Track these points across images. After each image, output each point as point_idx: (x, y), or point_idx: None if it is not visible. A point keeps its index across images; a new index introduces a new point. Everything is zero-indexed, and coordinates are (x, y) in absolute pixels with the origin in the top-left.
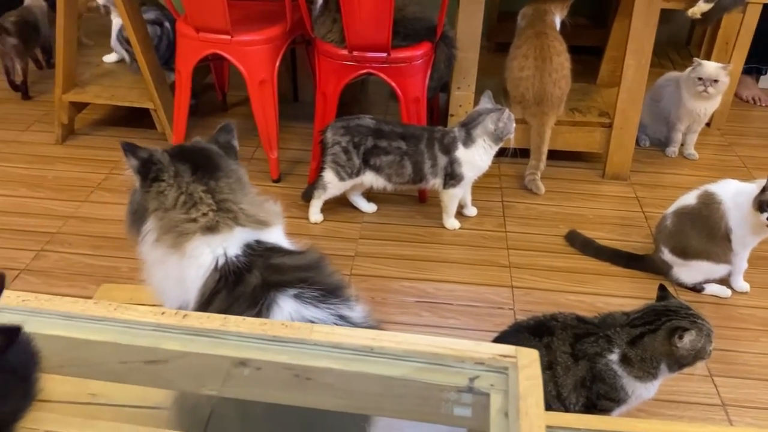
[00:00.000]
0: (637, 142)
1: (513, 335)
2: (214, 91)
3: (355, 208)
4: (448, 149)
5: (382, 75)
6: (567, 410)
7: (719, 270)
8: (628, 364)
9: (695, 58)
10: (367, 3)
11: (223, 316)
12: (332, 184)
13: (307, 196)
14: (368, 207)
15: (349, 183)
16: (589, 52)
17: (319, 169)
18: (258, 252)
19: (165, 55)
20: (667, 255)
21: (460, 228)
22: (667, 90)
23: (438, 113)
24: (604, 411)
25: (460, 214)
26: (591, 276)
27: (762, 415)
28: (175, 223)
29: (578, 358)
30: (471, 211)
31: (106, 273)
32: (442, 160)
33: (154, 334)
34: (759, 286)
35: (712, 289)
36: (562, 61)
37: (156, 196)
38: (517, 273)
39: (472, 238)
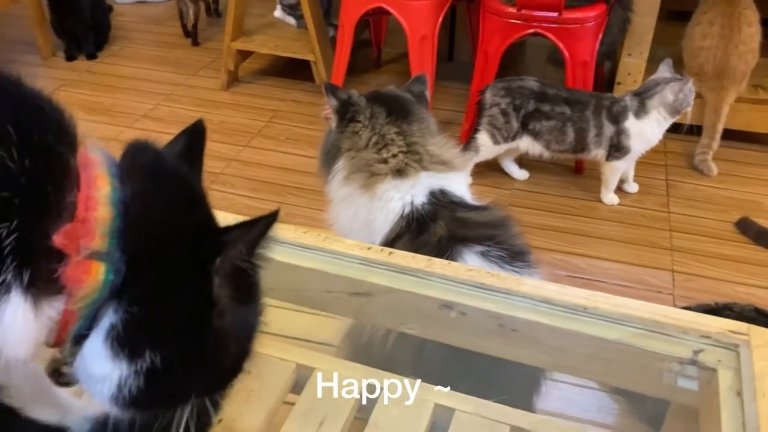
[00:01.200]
0: None
1: None
2: (370, 47)
3: (506, 174)
4: (617, 119)
5: (550, 35)
6: None
7: None
8: None
9: None
10: None
11: (428, 257)
12: (486, 147)
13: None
14: (520, 173)
15: (503, 147)
16: None
17: (473, 131)
18: (443, 203)
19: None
20: None
21: (618, 204)
22: None
23: (602, 80)
24: None
25: (619, 189)
26: (765, 269)
27: None
28: (367, 162)
29: None
30: (632, 187)
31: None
32: (609, 129)
33: (361, 267)
34: None
35: None
36: (752, 32)
37: (350, 136)
38: (679, 257)
39: (631, 215)
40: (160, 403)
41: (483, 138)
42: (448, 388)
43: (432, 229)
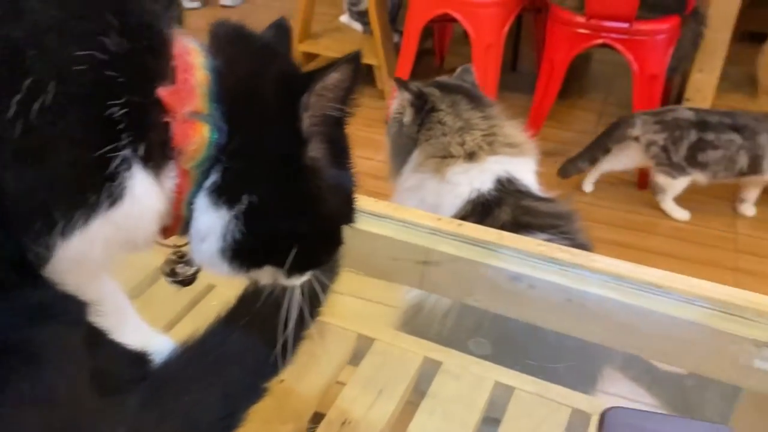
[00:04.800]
0: None
1: None
2: (433, 55)
3: (573, 186)
4: None
5: (619, 47)
6: None
7: None
8: None
9: None
10: None
11: (499, 231)
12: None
13: (565, 173)
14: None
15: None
16: None
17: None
18: (509, 191)
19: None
20: None
21: (682, 222)
22: None
23: (670, 96)
24: None
25: (687, 205)
26: None
27: None
28: (444, 146)
29: None
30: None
31: None
32: None
33: (430, 236)
34: None
35: None
36: None
37: (433, 126)
38: (744, 279)
39: (695, 234)
40: (267, 252)
41: (661, 179)
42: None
43: (496, 215)
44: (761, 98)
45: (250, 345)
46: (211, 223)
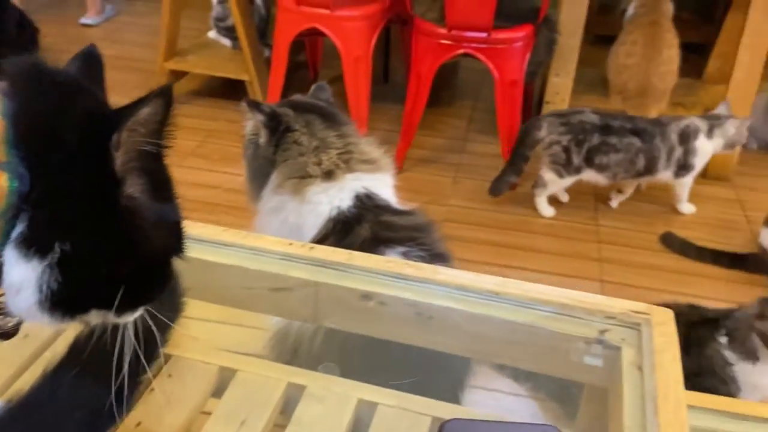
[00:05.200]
0: (744, 144)
1: None
2: (306, 69)
3: (441, 190)
4: (687, 139)
5: (479, 55)
6: None
7: None
8: (732, 341)
9: None
10: None
11: (349, 251)
12: (553, 182)
13: (496, 191)
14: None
15: (569, 180)
16: (692, 49)
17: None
18: (368, 207)
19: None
20: None
21: (549, 218)
22: None
23: (531, 99)
24: None
25: (554, 201)
26: (689, 277)
27: None
28: (301, 167)
29: (690, 346)
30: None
31: None
32: (678, 150)
33: (282, 262)
34: None
35: None
36: (671, 55)
37: (289, 147)
38: (608, 268)
39: (562, 229)
40: (90, 297)
41: (549, 175)
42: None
43: (356, 232)
44: (612, 98)
45: (83, 396)
46: (24, 275)
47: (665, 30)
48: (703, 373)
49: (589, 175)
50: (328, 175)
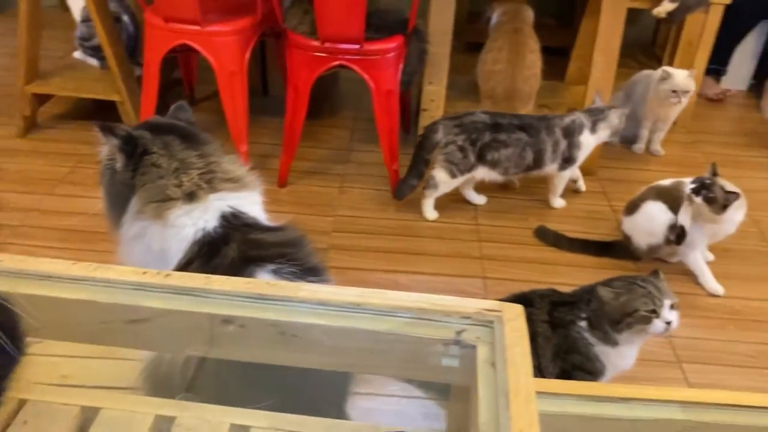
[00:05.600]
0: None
1: None
2: (182, 86)
3: (328, 202)
4: (572, 133)
5: (354, 67)
6: None
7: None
8: (592, 326)
9: (664, 69)
10: None
11: (206, 275)
12: (444, 182)
13: (400, 195)
14: (479, 199)
15: (460, 180)
16: (555, 52)
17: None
18: (235, 226)
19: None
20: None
21: (432, 221)
22: (639, 87)
23: (409, 108)
24: None
25: (439, 206)
26: (561, 267)
27: None
28: (161, 190)
29: (556, 326)
30: (582, 185)
31: None
32: (563, 143)
33: (136, 293)
34: (725, 278)
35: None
36: (534, 59)
37: (148, 170)
38: (489, 264)
39: (445, 230)
40: None
41: (440, 174)
42: (249, 407)
43: (224, 253)
44: (483, 102)
45: None
46: None
47: (527, 36)
48: (571, 351)
49: (483, 173)
50: (191, 196)
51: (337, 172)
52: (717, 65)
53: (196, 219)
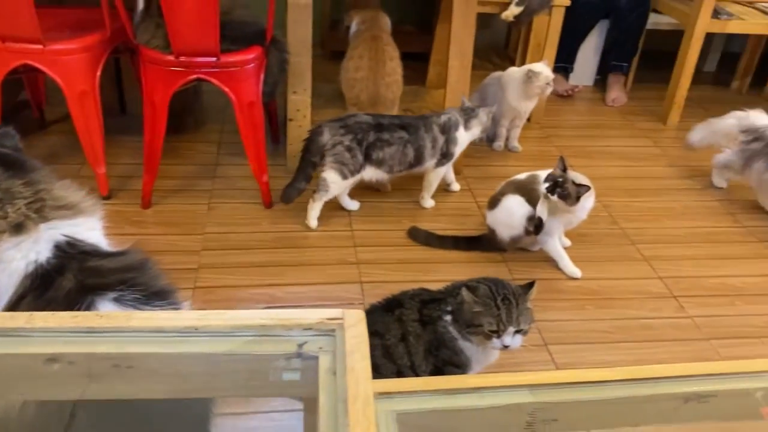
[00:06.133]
0: None
1: (368, 316)
2: (30, 109)
3: (194, 220)
4: (449, 129)
5: (213, 80)
6: None
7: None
8: (456, 321)
9: (529, 68)
10: (191, 5)
11: (29, 312)
12: (336, 184)
13: (288, 199)
14: (353, 204)
15: (351, 181)
16: (416, 58)
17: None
18: (72, 254)
19: None
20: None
21: (306, 231)
22: (491, 89)
23: (276, 118)
24: None
25: (321, 217)
26: (435, 264)
27: None
28: None
29: (425, 323)
30: (456, 186)
31: None
32: (441, 139)
33: None
34: (582, 261)
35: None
36: (394, 66)
37: None
38: (365, 269)
39: (321, 239)
40: None
41: (331, 176)
42: None
43: (59, 284)
44: (349, 109)
45: None
46: None
47: (385, 43)
48: (440, 346)
49: (370, 172)
50: (18, 228)
51: (204, 188)
52: (564, 63)
53: (27, 251)
